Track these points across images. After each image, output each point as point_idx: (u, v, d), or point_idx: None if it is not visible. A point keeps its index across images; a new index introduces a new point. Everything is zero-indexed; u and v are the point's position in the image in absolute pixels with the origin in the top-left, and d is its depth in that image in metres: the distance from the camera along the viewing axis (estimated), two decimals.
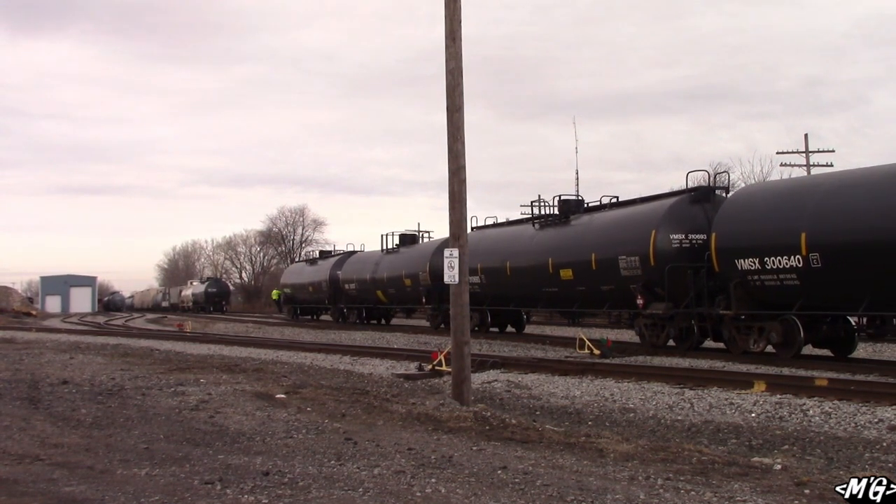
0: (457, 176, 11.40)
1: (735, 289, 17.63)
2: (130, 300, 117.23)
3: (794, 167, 44.08)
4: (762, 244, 16.90)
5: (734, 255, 17.66)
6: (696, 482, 6.60)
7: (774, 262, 16.54)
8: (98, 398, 11.72)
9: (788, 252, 16.17)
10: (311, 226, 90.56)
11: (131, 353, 21.36)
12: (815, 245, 15.74)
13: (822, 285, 15.91)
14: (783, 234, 16.42)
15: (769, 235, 16.86)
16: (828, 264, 15.57)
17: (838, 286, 15.70)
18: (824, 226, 15.78)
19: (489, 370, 16.30)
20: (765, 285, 17.00)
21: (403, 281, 33.67)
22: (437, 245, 31.61)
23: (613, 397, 12.72)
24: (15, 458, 7.67)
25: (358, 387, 13.20)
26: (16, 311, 66.48)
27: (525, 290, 25.43)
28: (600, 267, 21.45)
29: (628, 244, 20.47)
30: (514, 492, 6.22)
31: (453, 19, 11.45)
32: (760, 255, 16.85)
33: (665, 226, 19.66)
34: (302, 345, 24.31)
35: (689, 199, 20.16)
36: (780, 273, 16.50)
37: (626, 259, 20.45)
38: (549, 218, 25.22)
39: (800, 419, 10.46)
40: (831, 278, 15.63)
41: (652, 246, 19.60)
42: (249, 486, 6.38)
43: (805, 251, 15.82)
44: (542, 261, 24.09)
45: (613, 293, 21.38)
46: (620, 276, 20.71)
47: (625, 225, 21.28)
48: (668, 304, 19.40)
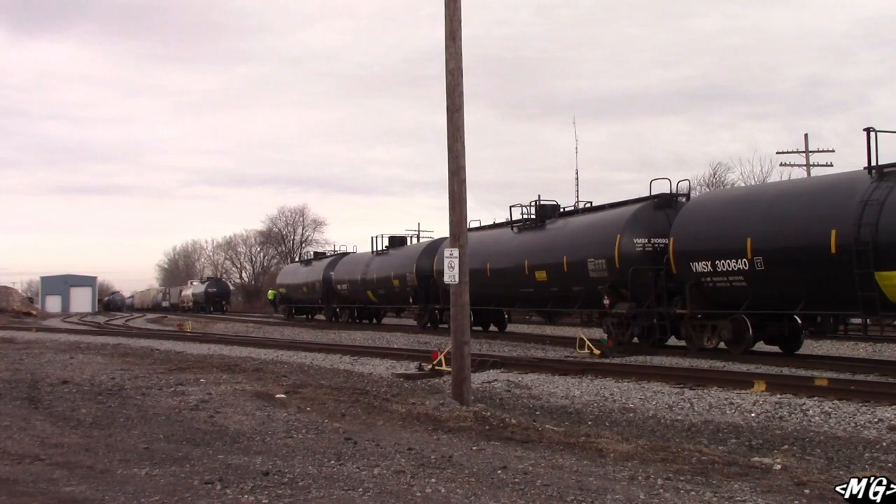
0: (457, 176, 11.40)
1: (690, 290, 18.90)
2: (130, 300, 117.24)
3: (794, 167, 44.13)
4: (714, 248, 18.20)
5: (689, 258, 18.86)
6: (696, 482, 6.60)
7: (724, 265, 17.88)
8: (98, 398, 11.73)
9: (736, 256, 17.55)
10: (312, 226, 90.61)
11: (131, 352, 21.38)
12: (759, 250, 17.09)
13: (765, 286, 17.20)
14: (732, 240, 17.75)
15: (720, 240, 18.15)
16: (770, 267, 16.88)
17: (779, 287, 16.99)
18: (767, 232, 17.08)
19: (489, 370, 16.30)
20: (716, 286, 18.28)
21: (392, 282, 34.77)
22: (423, 247, 33.11)
23: (613, 397, 12.72)
24: (15, 457, 7.67)
25: (358, 387, 13.21)
26: (16, 311, 66.45)
27: (504, 291, 26.26)
28: (571, 269, 22.61)
29: (596, 247, 21.65)
30: (514, 492, 6.22)
31: (453, 19, 11.44)
32: (712, 258, 18.13)
33: (629, 230, 20.84)
34: (302, 345, 24.31)
35: (652, 206, 21.26)
36: (729, 275, 17.82)
37: (594, 261, 21.61)
38: (527, 222, 26.20)
39: (800, 419, 10.46)
40: (773, 280, 16.91)
41: (617, 249, 20.76)
42: (249, 486, 6.38)
43: (750, 255, 17.19)
44: (519, 263, 25.15)
45: (583, 294, 22.44)
46: (589, 277, 21.82)
47: (593, 229, 22.41)
48: (631, 304, 20.63)
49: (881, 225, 14.72)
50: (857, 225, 15.02)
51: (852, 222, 15.13)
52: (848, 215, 15.28)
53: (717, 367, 16.41)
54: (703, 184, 51.55)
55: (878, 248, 14.73)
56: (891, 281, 14.71)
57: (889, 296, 14.90)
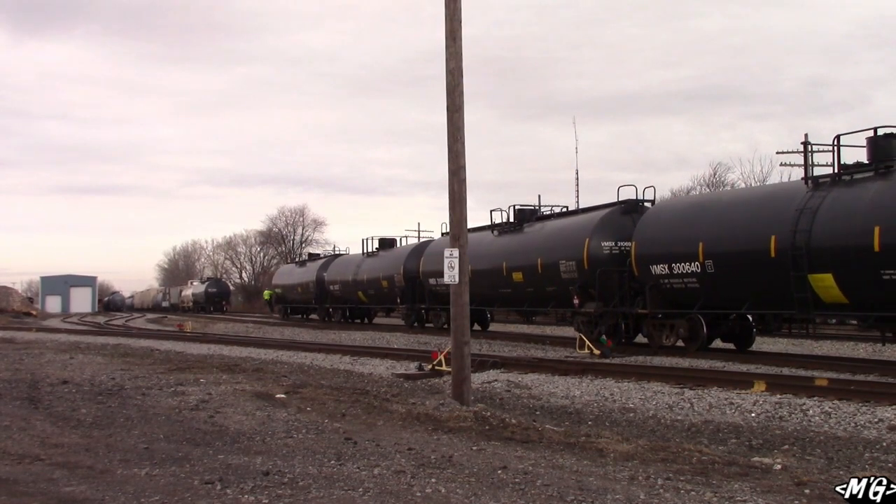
0: (457, 176, 11.41)
1: (650, 291, 20.09)
2: (130, 300, 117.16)
3: (793, 167, 44.12)
4: (670, 252, 19.43)
5: (649, 261, 20.03)
6: (696, 482, 6.60)
7: (680, 267, 19.13)
8: (98, 398, 11.73)
9: (690, 259, 18.78)
10: (312, 226, 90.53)
11: (131, 353, 21.38)
12: (710, 253, 18.34)
13: (715, 288, 18.43)
14: (686, 244, 18.97)
15: (675, 245, 19.35)
16: (719, 270, 18.09)
17: (727, 288, 18.12)
18: (717, 237, 18.28)
19: (489, 370, 16.31)
20: (673, 287, 19.56)
21: (381, 282, 36.18)
22: (410, 249, 34.61)
23: (613, 397, 12.72)
24: (15, 457, 7.67)
25: (358, 387, 13.21)
26: (16, 311, 66.41)
27: (485, 291, 27.04)
28: (545, 270, 23.89)
29: (567, 250, 22.95)
30: (514, 492, 6.22)
31: (453, 19, 11.44)
32: (669, 261, 19.39)
33: (597, 234, 22.15)
34: (302, 345, 24.31)
35: (620, 211, 22.53)
36: (684, 277, 19.10)
37: (565, 263, 22.89)
38: (506, 225, 27.33)
39: (800, 419, 10.46)
40: (722, 282, 18.11)
41: (586, 252, 21.99)
42: (249, 486, 6.38)
43: (702, 258, 18.43)
44: (497, 264, 26.25)
45: (556, 294, 23.65)
46: (561, 278, 23.10)
47: (565, 233, 23.74)
48: (598, 303, 21.70)
49: (814, 231, 15.87)
50: (793, 231, 16.15)
51: (789, 229, 16.23)
52: (786, 222, 16.44)
53: (717, 367, 16.44)
54: (704, 184, 51.60)
55: (811, 252, 15.89)
56: (823, 283, 15.81)
57: (822, 296, 16.00)
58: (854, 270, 15.20)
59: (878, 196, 15.20)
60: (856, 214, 15.30)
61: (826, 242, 15.65)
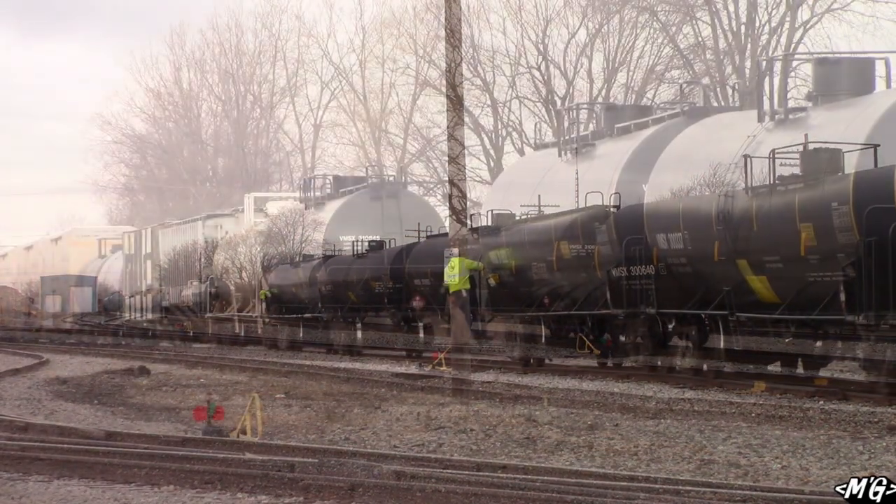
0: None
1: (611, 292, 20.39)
2: (130, 300, 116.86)
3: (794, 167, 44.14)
4: (627, 255, 19.81)
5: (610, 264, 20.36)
6: None
7: (637, 270, 19.53)
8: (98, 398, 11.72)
9: (644, 262, 19.15)
10: (312, 226, 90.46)
11: (131, 352, 21.39)
12: (661, 258, 18.68)
13: (663, 290, 18.67)
14: (642, 248, 19.19)
15: (633, 249, 19.69)
16: (670, 272, 18.40)
17: (677, 291, 18.35)
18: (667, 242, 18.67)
19: (489, 370, 16.30)
20: (631, 289, 19.79)
21: (369, 283, 36.60)
22: (397, 251, 34.63)
23: (613, 397, 12.70)
24: None
25: (358, 387, 13.21)
26: (16, 311, 66.34)
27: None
28: (518, 272, 24.33)
29: (538, 252, 23.43)
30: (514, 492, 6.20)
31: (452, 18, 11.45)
32: (627, 264, 19.73)
33: (566, 238, 22.57)
34: (302, 345, 24.34)
35: (587, 216, 22.78)
36: (641, 279, 19.44)
37: (536, 265, 23.40)
38: (485, 229, 27.75)
39: (799, 419, 10.44)
40: (673, 284, 18.37)
41: (555, 254, 22.37)
42: (250, 485, 6.37)
43: (656, 262, 18.81)
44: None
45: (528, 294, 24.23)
46: (532, 280, 23.63)
47: (537, 236, 24.21)
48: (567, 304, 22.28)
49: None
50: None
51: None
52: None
53: (717, 367, 16.37)
54: (704, 184, 51.55)
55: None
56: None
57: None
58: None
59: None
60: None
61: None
